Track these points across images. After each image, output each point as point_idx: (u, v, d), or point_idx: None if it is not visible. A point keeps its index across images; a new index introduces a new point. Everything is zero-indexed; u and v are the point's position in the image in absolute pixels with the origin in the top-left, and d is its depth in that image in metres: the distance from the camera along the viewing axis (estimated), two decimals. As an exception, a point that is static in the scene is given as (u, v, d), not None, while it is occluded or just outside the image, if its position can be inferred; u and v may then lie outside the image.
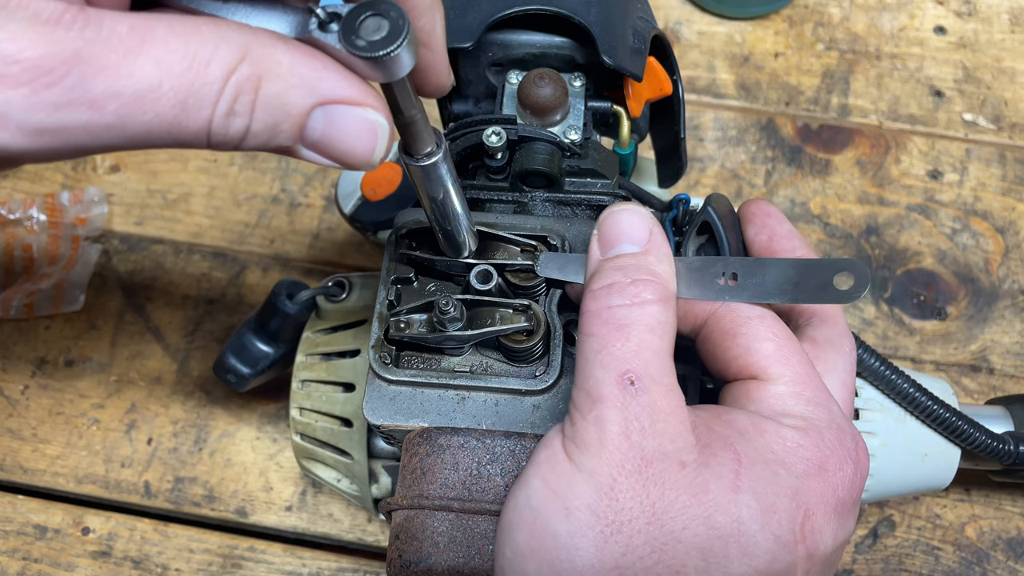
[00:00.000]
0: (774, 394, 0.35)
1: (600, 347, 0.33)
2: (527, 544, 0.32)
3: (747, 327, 0.37)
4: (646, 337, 0.33)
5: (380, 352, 0.39)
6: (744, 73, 0.82)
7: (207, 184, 0.79)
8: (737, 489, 0.32)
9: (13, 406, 0.72)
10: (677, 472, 0.32)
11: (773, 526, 0.32)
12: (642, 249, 0.36)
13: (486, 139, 0.44)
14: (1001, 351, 0.71)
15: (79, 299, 0.73)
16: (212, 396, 0.72)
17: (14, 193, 0.80)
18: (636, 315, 0.34)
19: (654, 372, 0.33)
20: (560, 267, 0.40)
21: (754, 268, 0.38)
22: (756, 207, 0.45)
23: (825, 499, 0.34)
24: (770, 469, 0.33)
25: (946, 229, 0.76)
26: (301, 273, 0.76)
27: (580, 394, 0.33)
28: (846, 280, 0.36)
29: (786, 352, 0.36)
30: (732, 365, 0.37)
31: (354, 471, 0.55)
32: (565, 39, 0.47)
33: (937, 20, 0.84)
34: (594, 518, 0.31)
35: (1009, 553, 0.65)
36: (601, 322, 0.34)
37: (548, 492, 0.32)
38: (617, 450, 0.32)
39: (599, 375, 0.33)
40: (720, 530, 0.32)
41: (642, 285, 0.35)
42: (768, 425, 0.34)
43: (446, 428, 0.38)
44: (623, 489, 0.31)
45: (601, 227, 0.37)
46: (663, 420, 0.32)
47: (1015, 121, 0.80)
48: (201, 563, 0.67)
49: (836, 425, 0.35)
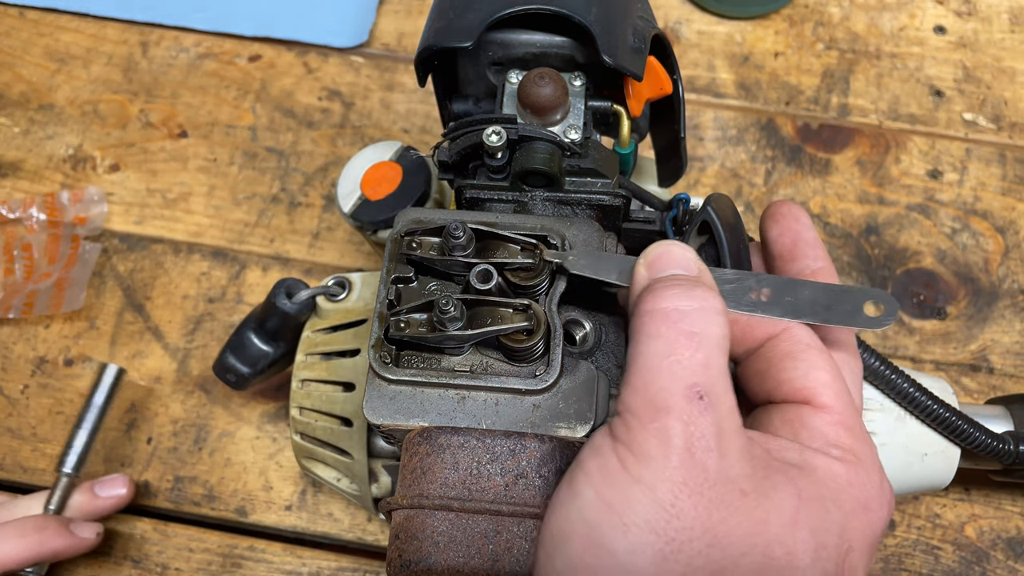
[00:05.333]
0: (827, 422, 0.36)
1: (668, 352, 0.32)
2: (581, 559, 0.32)
3: (808, 354, 0.37)
4: (715, 352, 0.33)
5: (380, 351, 0.39)
6: (744, 73, 0.82)
7: (207, 183, 0.79)
8: (796, 524, 0.32)
9: (13, 405, 0.72)
10: (739, 499, 0.32)
11: (823, 561, 0.32)
12: (694, 275, 0.36)
13: (486, 138, 0.44)
14: (1001, 351, 0.71)
15: (79, 299, 0.73)
16: (212, 396, 0.72)
17: (14, 192, 0.80)
18: (705, 323, 0.33)
19: (720, 390, 0.32)
20: (592, 265, 0.39)
21: (787, 287, 0.38)
22: (786, 208, 0.44)
23: (865, 537, 0.34)
24: (824, 506, 0.33)
25: (946, 229, 0.76)
26: (301, 273, 0.76)
27: (639, 401, 0.32)
28: (875, 308, 0.38)
29: (839, 385, 0.36)
30: (786, 386, 0.37)
31: (354, 470, 0.55)
32: (565, 38, 0.47)
33: (937, 20, 0.84)
34: (653, 535, 0.31)
35: (1009, 553, 0.65)
36: (668, 324, 0.33)
37: (603, 505, 0.31)
38: (682, 466, 0.31)
39: (666, 384, 0.32)
40: (776, 561, 0.32)
41: (707, 291, 0.34)
42: (819, 460, 0.34)
43: (446, 427, 0.38)
44: (685, 508, 0.31)
45: (649, 256, 0.37)
46: (727, 441, 0.32)
47: (1015, 121, 0.80)
48: (201, 562, 0.67)
49: (877, 465, 0.36)
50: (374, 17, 0.85)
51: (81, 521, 0.62)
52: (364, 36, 0.84)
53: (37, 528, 0.58)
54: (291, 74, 0.83)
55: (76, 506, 0.63)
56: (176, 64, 0.84)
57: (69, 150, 0.81)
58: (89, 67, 0.85)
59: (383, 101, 0.82)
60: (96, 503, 0.63)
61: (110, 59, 0.85)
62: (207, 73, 0.84)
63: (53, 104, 0.83)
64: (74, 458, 0.62)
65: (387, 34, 0.85)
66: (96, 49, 0.85)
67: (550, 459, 0.37)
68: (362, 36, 0.84)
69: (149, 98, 0.83)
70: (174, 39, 0.86)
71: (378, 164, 0.59)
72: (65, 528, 0.59)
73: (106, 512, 0.64)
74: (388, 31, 0.85)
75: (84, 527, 0.61)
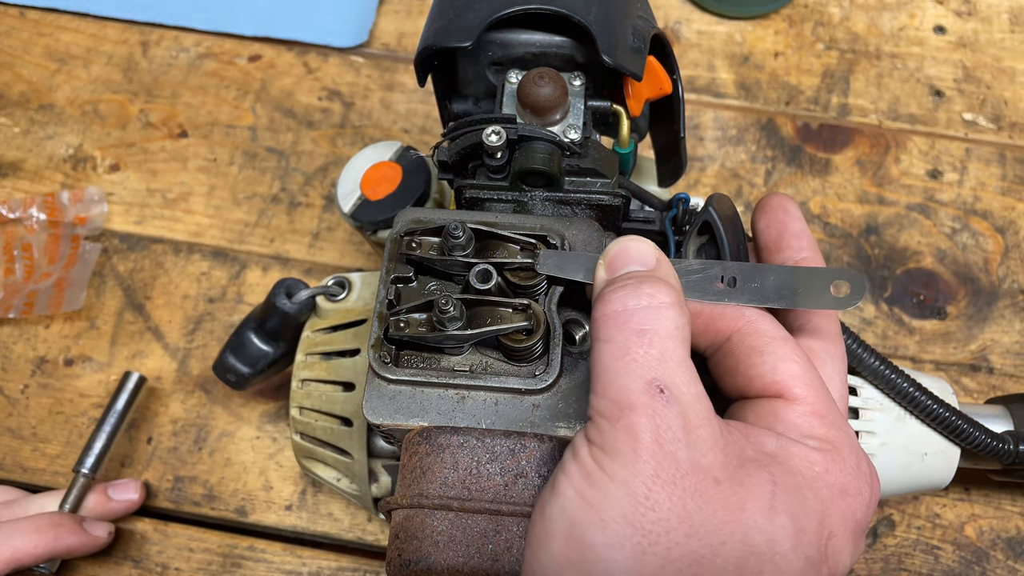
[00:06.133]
0: (800, 414, 0.36)
1: (621, 353, 0.33)
2: (563, 555, 0.32)
3: (773, 346, 0.37)
4: (668, 344, 0.33)
5: (380, 351, 0.39)
6: (744, 72, 0.82)
7: (207, 183, 0.79)
8: (773, 510, 0.32)
9: (13, 405, 0.72)
10: (713, 487, 0.32)
11: (804, 547, 0.33)
12: (649, 269, 0.36)
13: (486, 138, 0.44)
14: (1001, 350, 0.71)
15: (79, 299, 0.73)
16: (212, 395, 0.72)
17: (14, 192, 0.80)
18: (654, 319, 0.33)
19: (681, 381, 0.33)
20: (559, 264, 0.40)
21: (753, 273, 0.38)
22: (775, 200, 0.44)
23: (846, 521, 0.35)
24: (800, 493, 0.33)
25: (946, 229, 0.76)
26: (301, 273, 0.76)
27: (604, 402, 0.33)
28: (843, 288, 0.37)
29: (810, 375, 0.37)
30: (756, 382, 0.37)
31: (354, 470, 0.55)
32: (565, 38, 0.47)
33: (937, 20, 0.84)
34: (630, 529, 0.31)
35: (1009, 552, 0.65)
36: (618, 326, 0.33)
37: (582, 503, 0.32)
38: (652, 459, 0.31)
39: (624, 382, 0.32)
40: (756, 548, 0.32)
41: (656, 285, 0.34)
42: (796, 448, 0.35)
43: (446, 427, 0.38)
44: (660, 500, 0.31)
45: (608, 255, 0.37)
46: (695, 431, 0.32)
47: (1015, 121, 0.80)
48: (201, 562, 0.67)
49: (855, 450, 0.36)
50: (374, 17, 0.85)
51: (94, 520, 0.63)
52: (364, 36, 0.84)
53: (53, 525, 0.59)
54: (291, 74, 0.83)
55: (89, 507, 0.64)
56: (176, 64, 0.84)
57: (69, 150, 0.81)
58: (89, 67, 0.85)
59: (383, 101, 0.82)
60: (109, 505, 0.65)
61: (110, 59, 0.85)
62: (207, 73, 0.84)
63: (53, 104, 0.83)
64: (92, 459, 0.64)
65: (387, 34, 0.85)
66: (96, 49, 0.85)
67: (550, 459, 0.37)
68: (362, 36, 0.84)
69: (149, 98, 0.83)
70: (174, 39, 0.86)
71: (378, 164, 0.59)
72: (79, 526, 0.61)
73: (117, 515, 0.66)
74: (388, 31, 0.85)
75: (97, 526, 0.62)
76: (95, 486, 0.65)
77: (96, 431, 0.65)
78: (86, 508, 0.64)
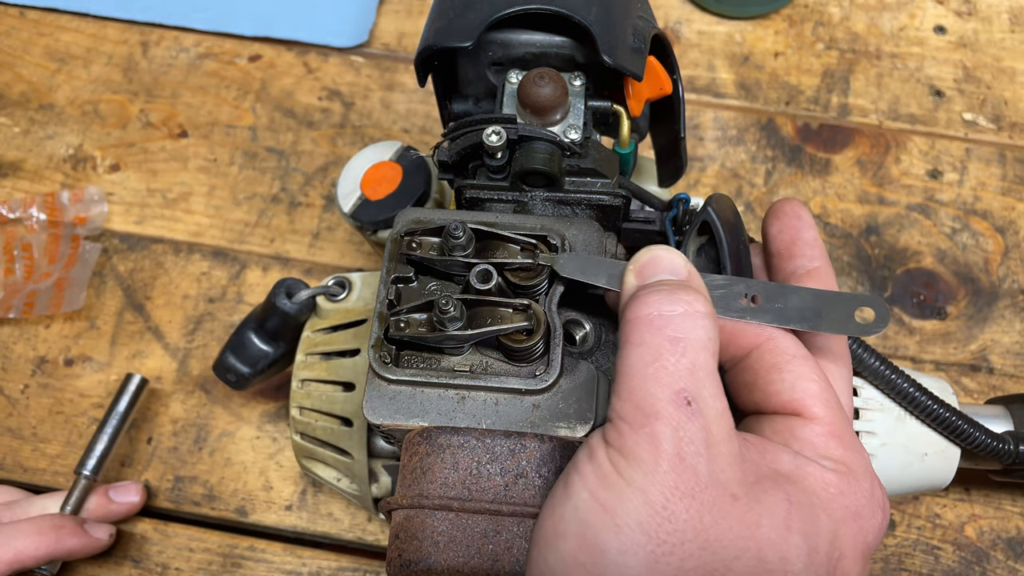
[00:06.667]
0: (817, 433, 0.36)
1: (652, 359, 0.33)
2: (574, 556, 0.32)
3: (793, 364, 0.37)
4: (700, 356, 0.33)
5: (380, 351, 0.39)
6: (744, 73, 0.82)
7: (207, 183, 0.79)
8: (788, 529, 0.32)
9: (13, 405, 0.72)
10: (730, 503, 0.32)
11: (816, 567, 0.33)
12: (682, 280, 0.36)
13: (486, 138, 0.44)
14: (1001, 351, 0.71)
15: (79, 298, 0.73)
16: (212, 395, 0.72)
17: (14, 192, 0.80)
18: (689, 327, 0.33)
19: (708, 395, 0.33)
20: (581, 269, 0.39)
21: (777, 293, 0.38)
22: (788, 206, 0.44)
23: (856, 544, 0.35)
24: (815, 512, 0.33)
25: (946, 229, 0.76)
26: (301, 273, 0.76)
27: (628, 406, 0.33)
28: (867, 314, 0.37)
29: (828, 395, 0.36)
30: (774, 399, 0.37)
31: (354, 470, 0.55)
32: (565, 38, 0.47)
33: (937, 20, 0.84)
34: (645, 537, 0.31)
35: (1009, 553, 0.65)
36: (652, 330, 0.33)
37: (597, 506, 0.32)
38: (672, 471, 0.31)
39: (652, 390, 0.32)
40: (769, 565, 0.32)
41: (692, 294, 0.34)
42: (812, 468, 0.35)
43: (446, 427, 0.38)
44: (677, 511, 0.31)
45: (638, 262, 0.37)
46: (716, 446, 0.32)
47: (1015, 121, 0.80)
48: (201, 562, 0.67)
49: (869, 473, 0.36)
50: (374, 17, 0.85)
51: (95, 522, 0.63)
52: (364, 36, 0.84)
53: (54, 526, 0.59)
54: (291, 74, 0.83)
55: (90, 509, 0.64)
56: (176, 64, 0.84)
57: (69, 150, 0.81)
58: (89, 67, 0.85)
59: (383, 101, 0.82)
60: (110, 508, 0.65)
61: (110, 59, 0.85)
62: (207, 73, 0.84)
63: (53, 104, 0.83)
64: (94, 461, 0.64)
65: (387, 34, 0.85)
66: (96, 49, 0.85)
67: (550, 459, 0.37)
68: (362, 36, 0.84)
69: (149, 98, 0.83)
70: (174, 39, 0.86)
71: (378, 164, 0.59)
72: (80, 528, 0.61)
73: (118, 517, 0.66)
74: (388, 31, 0.85)
75: (98, 528, 0.62)
76: (96, 488, 0.65)
77: (98, 433, 0.65)
78: (87, 510, 0.64)
